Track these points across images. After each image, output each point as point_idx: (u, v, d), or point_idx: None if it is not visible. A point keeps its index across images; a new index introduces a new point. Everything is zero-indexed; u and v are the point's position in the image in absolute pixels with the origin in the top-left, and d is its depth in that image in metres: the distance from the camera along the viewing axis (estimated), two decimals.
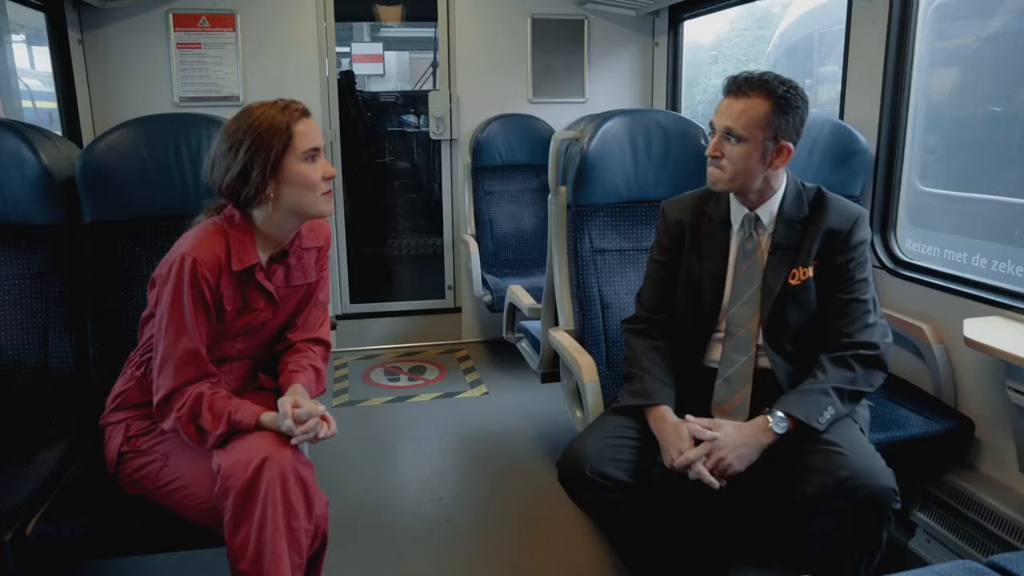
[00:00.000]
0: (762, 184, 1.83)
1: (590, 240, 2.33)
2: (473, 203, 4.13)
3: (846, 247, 1.82)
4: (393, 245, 5.65)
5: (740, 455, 1.68)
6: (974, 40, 3.98)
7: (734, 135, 1.75)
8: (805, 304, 1.85)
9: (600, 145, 2.31)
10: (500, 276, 3.85)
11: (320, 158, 1.68)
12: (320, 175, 1.67)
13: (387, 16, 6.46)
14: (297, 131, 1.64)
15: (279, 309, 1.83)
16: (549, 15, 4.22)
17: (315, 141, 1.67)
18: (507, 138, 4.12)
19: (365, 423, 3.36)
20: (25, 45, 8.50)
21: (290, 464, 1.59)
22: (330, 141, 4.15)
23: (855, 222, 1.83)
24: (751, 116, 1.74)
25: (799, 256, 1.84)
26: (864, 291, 1.82)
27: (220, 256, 1.67)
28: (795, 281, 1.84)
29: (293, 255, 1.82)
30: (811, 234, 1.84)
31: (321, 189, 1.68)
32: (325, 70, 4.09)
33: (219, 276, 1.67)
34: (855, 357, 1.78)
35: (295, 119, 1.64)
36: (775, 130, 1.75)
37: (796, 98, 1.76)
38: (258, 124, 1.63)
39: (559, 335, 2.31)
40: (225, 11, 3.90)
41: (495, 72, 4.23)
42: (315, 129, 1.68)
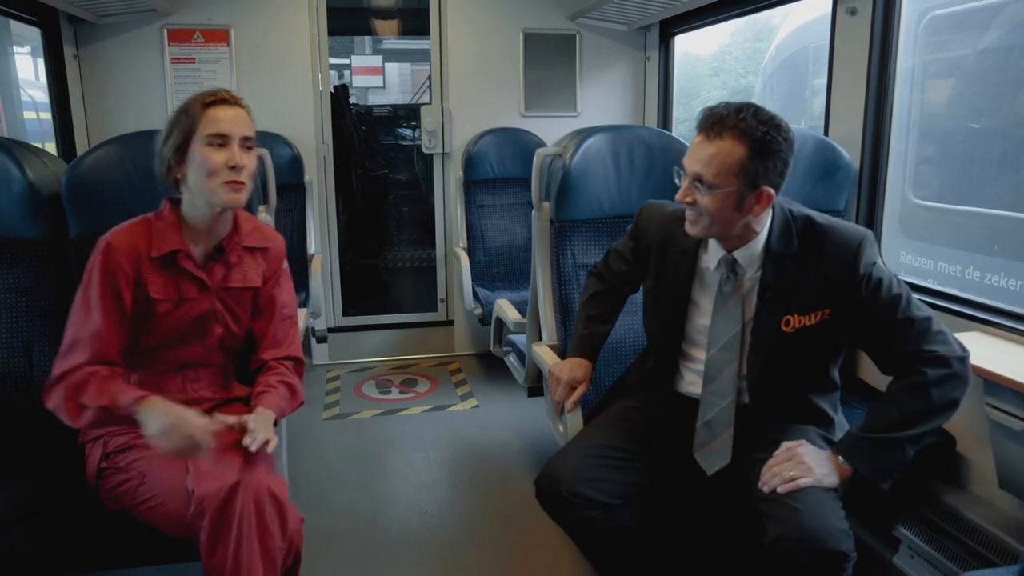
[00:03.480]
0: (742, 230, 1.66)
1: (573, 255, 2.35)
2: (465, 216, 4.14)
3: (861, 285, 1.62)
4: (386, 258, 5.67)
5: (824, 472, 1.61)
6: (968, 52, 4.01)
7: (704, 183, 1.58)
8: (800, 351, 1.71)
9: (583, 161, 2.33)
10: (492, 289, 3.86)
11: (230, 146, 1.67)
12: (223, 162, 1.67)
13: (382, 30, 6.51)
14: (207, 114, 1.67)
15: (229, 313, 1.84)
16: (541, 30, 4.25)
17: (224, 127, 1.67)
18: (499, 152, 4.14)
19: (355, 436, 3.36)
20: (29, 57, 8.57)
21: (263, 486, 1.57)
22: (323, 155, 4.17)
23: (856, 254, 1.63)
24: (724, 162, 1.55)
25: (793, 302, 1.68)
26: (908, 306, 1.62)
27: (139, 245, 1.72)
28: (789, 329, 1.68)
29: (232, 253, 1.83)
30: (808, 276, 1.66)
31: (223, 177, 1.67)
32: (319, 84, 4.12)
33: (138, 264, 1.71)
34: (927, 383, 1.58)
35: (211, 103, 1.68)
36: (752, 176, 1.55)
37: (776, 140, 1.55)
38: (179, 108, 1.71)
39: (542, 350, 2.31)
40: (219, 26, 3.93)
41: (487, 86, 4.26)
42: (233, 118, 1.69)
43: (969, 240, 3.80)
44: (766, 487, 1.61)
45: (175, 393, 1.81)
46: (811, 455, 1.63)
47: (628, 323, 2.37)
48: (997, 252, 3.69)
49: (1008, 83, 3.73)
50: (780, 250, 1.68)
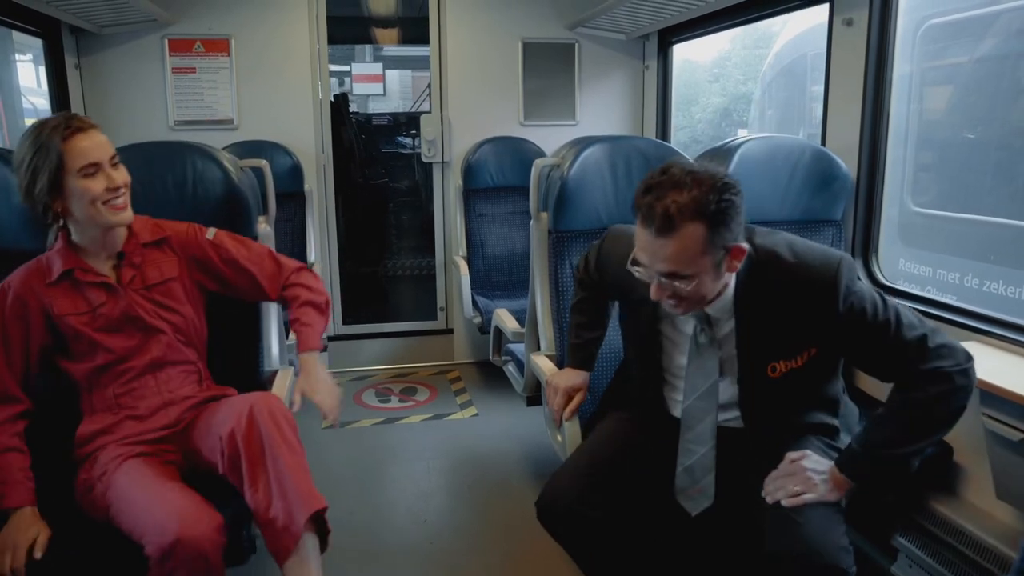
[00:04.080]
0: (718, 292, 1.58)
1: (571, 265, 2.35)
2: (465, 225, 4.16)
3: (844, 321, 1.54)
4: (386, 266, 5.68)
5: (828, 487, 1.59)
6: (966, 60, 4.03)
7: (677, 276, 1.46)
8: (791, 389, 1.67)
9: (580, 172, 2.34)
10: (491, 298, 3.88)
11: (103, 170, 1.72)
12: (102, 188, 1.72)
13: (382, 38, 6.54)
14: (71, 148, 1.68)
15: (161, 307, 1.89)
16: (540, 39, 4.27)
17: (91, 156, 1.70)
18: (498, 161, 4.16)
19: (355, 445, 3.37)
20: (31, 64, 8.61)
21: (276, 405, 1.77)
22: (323, 164, 4.18)
23: (832, 288, 1.53)
24: (690, 250, 1.42)
25: (775, 348, 1.61)
26: (899, 328, 1.53)
27: (31, 279, 1.81)
28: (776, 375, 1.63)
29: (134, 255, 1.88)
30: (785, 320, 1.58)
31: (102, 200, 1.73)
32: (318, 93, 4.14)
33: (39, 295, 1.79)
34: (929, 399, 1.53)
35: (67, 136, 1.68)
36: (720, 244, 1.45)
37: (728, 199, 1.42)
38: (33, 145, 1.70)
39: (540, 360, 2.32)
40: (220, 36, 3.96)
41: (486, 95, 4.28)
42: (94, 143, 1.72)
43: (967, 248, 3.81)
44: (769, 498, 1.60)
45: (152, 396, 1.87)
46: (814, 468, 1.60)
47: None
48: (995, 260, 3.70)
49: (1005, 91, 3.75)
50: (751, 298, 1.59)
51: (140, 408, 1.85)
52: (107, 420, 1.84)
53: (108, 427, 1.83)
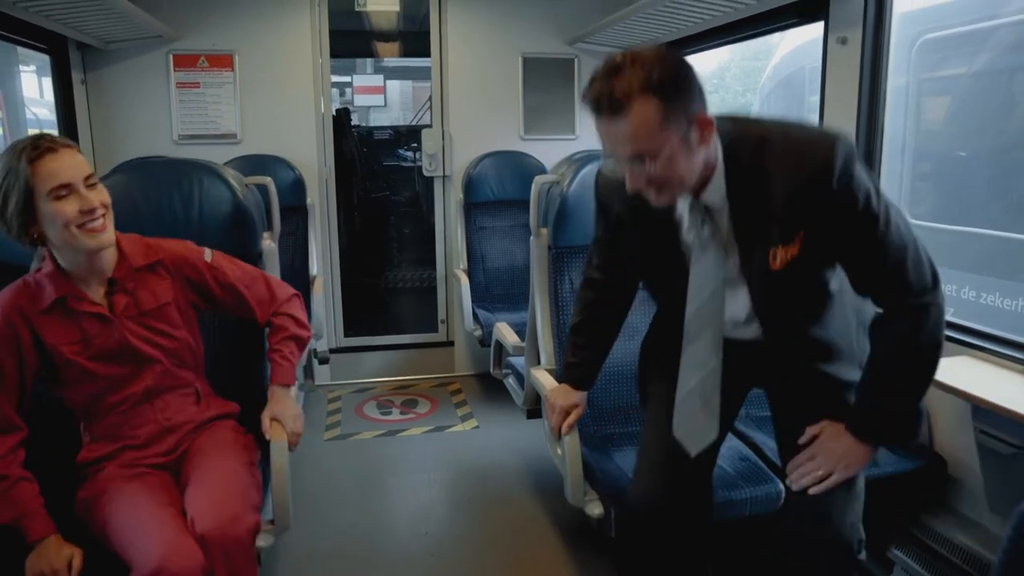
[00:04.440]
0: (700, 171, 1.47)
1: (570, 280, 2.39)
2: (465, 238, 4.20)
3: (834, 201, 1.42)
4: (387, 278, 5.72)
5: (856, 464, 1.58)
6: (960, 73, 4.09)
7: (642, 156, 1.40)
8: (799, 286, 1.56)
9: (580, 188, 2.38)
10: (491, 311, 3.91)
11: (76, 192, 1.64)
12: (75, 210, 1.64)
13: (384, 52, 6.60)
14: (39, 170, 1.61)
15: (157, 333, 1.85)
16: (540, 54, 4.32)
17: (61, 177, 1.63)
18: (499, 174, 4.20)
19: (356, 457, 3.40)
20: (34, 75, 8.66)
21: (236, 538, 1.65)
22: (325, 178, 4.23)
23: (827, 164, 1.40)
24: (648, 127, 1.36)
25: (773, 232, 1.48)
26: (887, 229, 1.45)
27: (22, 304, 1.73)
28: (777, 264, 1.50)
29: (128, 281, 1.82)
30: (777, 200, 1.46)
31: (76, 223, 1.65)
32: (321, 107, 4.18)
33: (28, 323, 1.73)
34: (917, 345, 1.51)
35: (35, 158, 1.61)
36: (680, 118, 1.37)
37: (673, 70, 1.37)
38: (3, 169, 1.63)
39: (539, 374, 2.35)
40: (224, 52, 4.00)
41: (487, 110, 4.32)
42: (65, 163, 1.64)
43: (964, 260, 3.84)
44: (794, 486, 1.62)
45: (150, 424, 1.86)
46: (834, 446, 1.58)
47: (628, 347, 2.41)
48: (992, 272, 3.74)
49: (999, 106, 3.80)
50: (744, 179, 1.49)
51: (139, 436, 1.85)
52: (107, 448, 1.84)
53: (108, 454, 1.83)
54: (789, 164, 1.44)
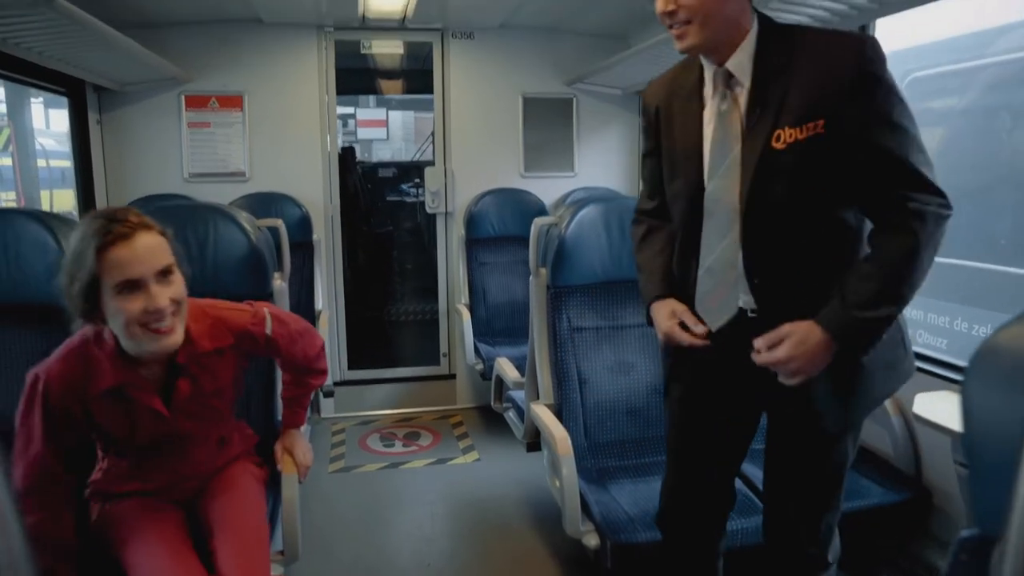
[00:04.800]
0: (729, 29, 1.48)
1: (568, 319, 2.49)
2: (467, 273, 4.29)
3: (857, 89, 1.41)
4: (391, 312, 5.81)
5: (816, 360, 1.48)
6: (948, 110, 4.22)
7: None
8: (795, 174, 1.48)
9: (577, 230, 2.48)
10: (492, 344, 4.00)
11: (145, 288, 1.48)
12: (139, 309, 1.47)
13: (388, 89, 6.76)
14: (108, 259, 1.45)
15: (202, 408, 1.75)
16: (539, 94, 4.46)
17: (129, 272, 1.46)
18: (499, 211, 4.31)
19: (360, 489, 3.46)
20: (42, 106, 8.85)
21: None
22: (331, 215, 4.34)
23: (857, 52, 1.41)
24: None
25: (784, 112, 1.46)
26: (906, 135, 1.43)
27: (76, 381, 1.57)
28: (779, 144, 1.47)
29: (192, 366, 1.67)
30: (796, 83, 1.45)
31: (139, 322, 1.49)
32: (327, 146, 4.31)
33: (82, 402, 1.59)
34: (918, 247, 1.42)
35: (108, 243, 1.46)
36: None
37: None
38: (74, 247, 1.50)
39: (538, 408, 2.44)
40: (234, 93, 4.13)
41: (488, 147, 4.45)
42: (136, 253, 1.47)
43: (957, 292, 3.93)
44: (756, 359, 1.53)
45: (168, 474, 1.80)
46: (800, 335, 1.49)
47: (622, 383, 2.50)
48: (982, 304, 3.84)
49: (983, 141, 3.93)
50: (769, 56, 1.49)
51: (152, 482, 1.79)
52: (119, 485, 1.79)
53: (120, 490, 1.79)
54: (819, 46, 1.46)
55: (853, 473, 2.30)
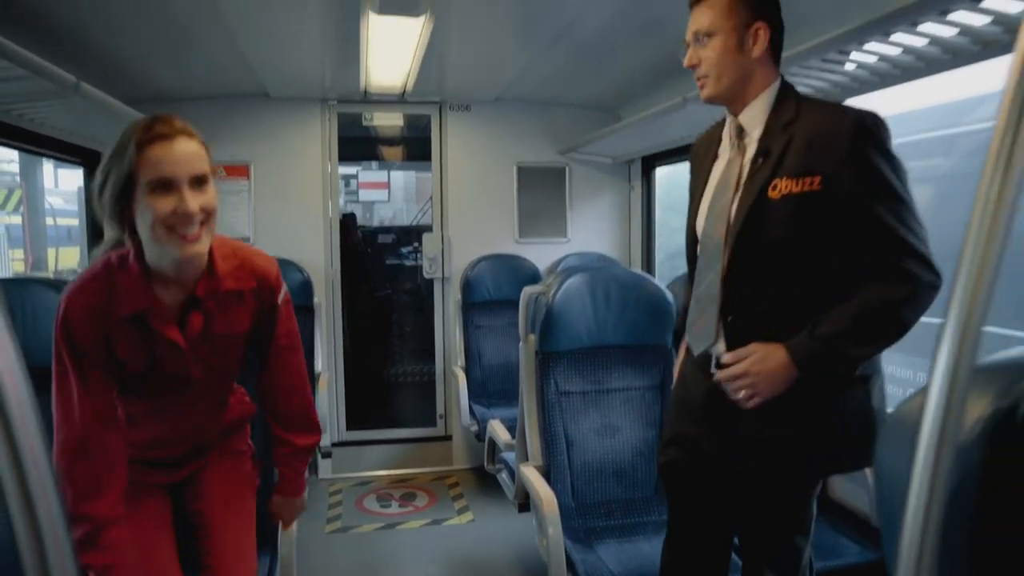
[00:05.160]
0: (746, 82, 1.66)
1: (556, 383, 2.59)
2: (463, 336, 4.40)
3: (854, 154, 1.52)
4: (389, 374, 5.90)
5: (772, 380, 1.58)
6: (928, 175, 4.38)
7: (702, 34, 1.64)
8: (784, 225, 1.58)
9: (564, 298, 2.61)
10: (487, 406, 4.09)
11: (177, 190, 1.46)
12: (168, 209, 1.45)
13: (389, 155, 6.98)
14: (146, 156, 1.44)
15: (213, 354, 1.70)
16: (534, 163, 4.64)
17: (163, 170, 1.44)
18: (495, 276, 4.44)
19: (356, 550, 3.51)
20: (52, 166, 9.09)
21: None
22: (332, 279, 4.48)
23: (857, 121, 1.53)
24: (716, 11, 1.62)
25: (784, 164, 1.58)
26: (900, 205, 1.51)
27: (99, 304, 1.53)
28: (775, 193, 1.58)
29: (210, 300, 1.63)
30: (799, 139, 1.58)
31: (166, 224, 1.46)
32: (328, 211, 4.47)
33: (103, 326, 1.54)
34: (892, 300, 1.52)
35: (145, 142, 1.45)
36: (744, 13, 1.61)
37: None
38: (115, 145, 1.48)
39: (527, 470, 2.53)
40: (240, 162, 4.30)
41: (484, 214, 4.61)
42: (173, 155, 1.46)
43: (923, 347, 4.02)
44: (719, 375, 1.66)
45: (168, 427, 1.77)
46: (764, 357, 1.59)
47: (608, 444, 2.60)
48: None
49: (959, 205, 4.07)
50: (781, 112, 1.64)
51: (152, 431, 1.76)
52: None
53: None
54: (825, 109, 1.61)
55: (831, 531, 2.39)
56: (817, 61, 2.27)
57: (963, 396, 0.71)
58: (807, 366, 1.57)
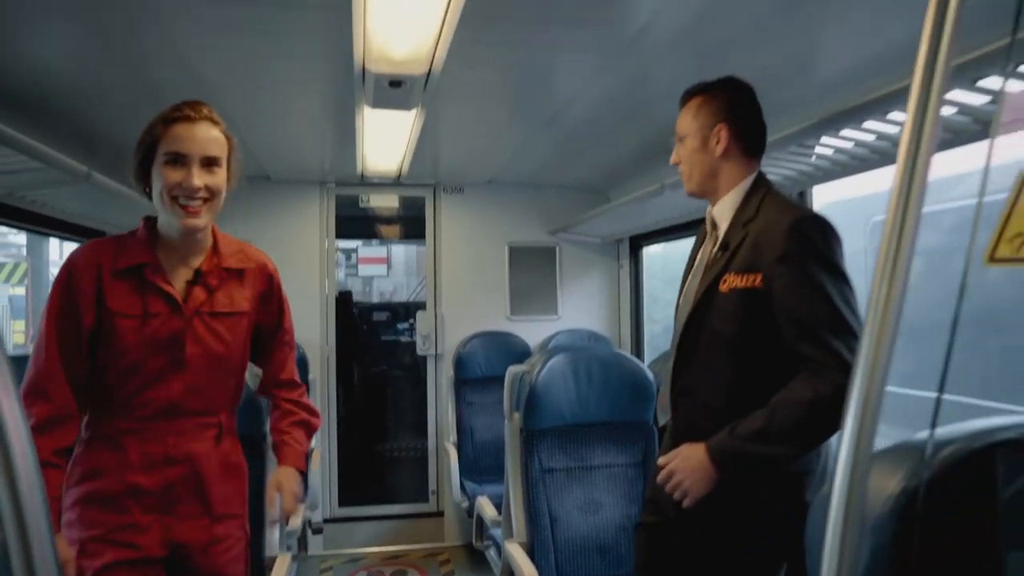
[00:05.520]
0: (714, 177, 1.82)
1: (540, 460, 2.66)
2: (455, 412, 4.46)
3: (780, 251, 1.62)
4: (382, 449, 5.92)
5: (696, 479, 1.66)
6: None
7: (679, 136, 1.85)
8: (727, 319, 1.70)
9: (547, 377, 2.69)
10: (479, 482, 4.12)
11: (188, 165, 1.61)
12: (177, 180, 1.60)
13: (387, 234, 7.14)
14: (169, 132, 1.61)
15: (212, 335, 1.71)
16: (525, 243, 4.79)
17: (179, 145, 1.61)
18: (487, 353, 4.52)
19: None
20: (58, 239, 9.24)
21: None
22: (327, 355, 4.57)
23: (795, 222, 1.63)
24: (688, 116, 1.83)
25: (734, 259, 1.70)
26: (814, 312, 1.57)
27: (101, 258, 1.63)
28: (724, 287, 1.71)
29: (212, 276, 1.73)
30: (751, 236, 1.69)
31: (172, 193, 1.61)
32: (325, 289, 4.59)
33: (98, 279, 1.62)
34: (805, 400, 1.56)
35: (174, 119, 1.62)
36: (709, 118, 1.79)
37: (720, 85, 1.81)
38: (149, 122, 1.65)
39: (512, 547, 2.56)
40: (242, 241, 4.43)
41: (477, 292, 4.73)
42: (192, 135, 1.62)
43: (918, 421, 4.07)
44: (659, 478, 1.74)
45: (154, 443, 1.67)
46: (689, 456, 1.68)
47: (591, 520, 2.65)
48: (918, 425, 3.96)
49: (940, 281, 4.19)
50: (746, 207, 1.75)
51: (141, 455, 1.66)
52: (103, 458, 1.66)
53: (101, 468, 1.65)
54: (775, 207, 1.71)
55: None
56: (783, 152, 2.41)
57: (864, 479, 0.79)
58: (724, 464, 1.64)
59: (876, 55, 1.92)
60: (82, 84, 2.49)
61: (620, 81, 2.46)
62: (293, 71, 2.40)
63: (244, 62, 2.31)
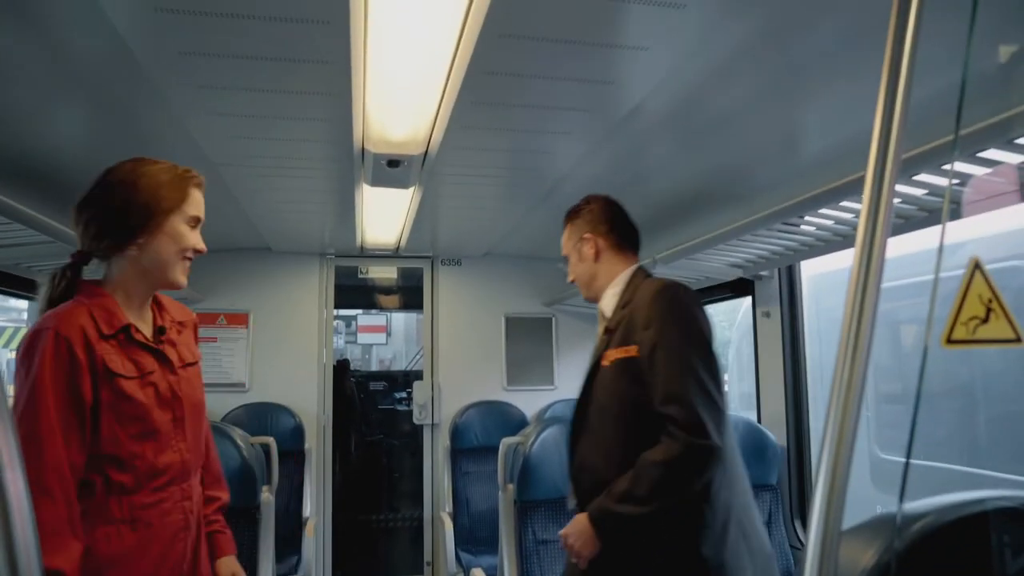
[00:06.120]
0: (594, 280, 2.04)
1: (533, 531, 2.67)
2: (451, 482, 4.44)
3: (645, 318, 1.79)
4: (377, 519, 5.87)
5: (583, 541, 1.79)
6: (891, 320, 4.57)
7: (565, 257, 2.14)
8: (607, 389, 1.86)
9: (540, 449, 2.73)
10: (474, 553, 4.07)
11: (198, 230, 1.71)
12: (193, 244, 1.67)
13: (385, 304, 7.22)
14: (194, 196, 1.69)
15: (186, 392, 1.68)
16: (521, 314, 4.86)
17: (201, 212, 1.71)
18: (483, 423, 4.53)
19: None
20: None
21: None
22: (323, 424, 4.58)
23: (655, 290, 1.82)
24: (565, 239, 2.14)
25: (613, 337, 1.87)
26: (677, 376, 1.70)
27: (85, 326, 1.52)
28: (606, 362, 1.87)
29: (172, 331, 1.73)
30: (628, 315, 1.85)
31: (184, 255, 1.67)
32: (323, 358, 4.62)
33: (90, 348, 1.51)
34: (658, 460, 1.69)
35: (193, 184, 1.69)
36: (575, 234, 2.08)
37: (581, 207, 2.10)
38: (159, 175, 1.64)
39: None
40: (240, 311, 4.49)
41: (473, 363, 4.77)
42: (203, 202, 1.72)
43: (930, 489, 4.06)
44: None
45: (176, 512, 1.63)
46: (578, 523, 1.83)
47: None
48: None
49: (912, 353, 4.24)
50: (624, 296, 1.93)
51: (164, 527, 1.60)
52: (119, 543, 1.53)
53: (118, 555, 1.52)
54: (646, 285, 1.88)
55: None
56: (771, 229, 2.50)
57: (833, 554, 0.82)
58: (601, 525, 1.78)
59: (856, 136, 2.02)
60: (91, 161, 2.57)
61: (612, 159, 2.56)
62: (295, 151, 2.50)
63: (247, 141, 2.41)
